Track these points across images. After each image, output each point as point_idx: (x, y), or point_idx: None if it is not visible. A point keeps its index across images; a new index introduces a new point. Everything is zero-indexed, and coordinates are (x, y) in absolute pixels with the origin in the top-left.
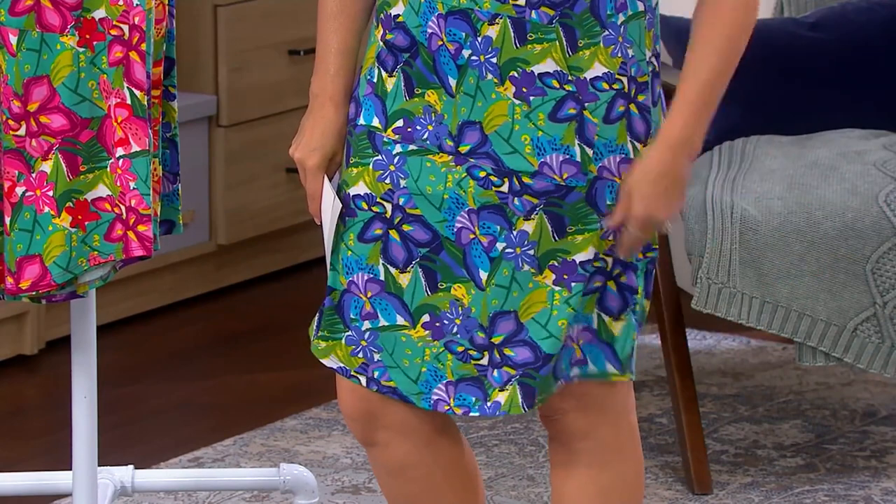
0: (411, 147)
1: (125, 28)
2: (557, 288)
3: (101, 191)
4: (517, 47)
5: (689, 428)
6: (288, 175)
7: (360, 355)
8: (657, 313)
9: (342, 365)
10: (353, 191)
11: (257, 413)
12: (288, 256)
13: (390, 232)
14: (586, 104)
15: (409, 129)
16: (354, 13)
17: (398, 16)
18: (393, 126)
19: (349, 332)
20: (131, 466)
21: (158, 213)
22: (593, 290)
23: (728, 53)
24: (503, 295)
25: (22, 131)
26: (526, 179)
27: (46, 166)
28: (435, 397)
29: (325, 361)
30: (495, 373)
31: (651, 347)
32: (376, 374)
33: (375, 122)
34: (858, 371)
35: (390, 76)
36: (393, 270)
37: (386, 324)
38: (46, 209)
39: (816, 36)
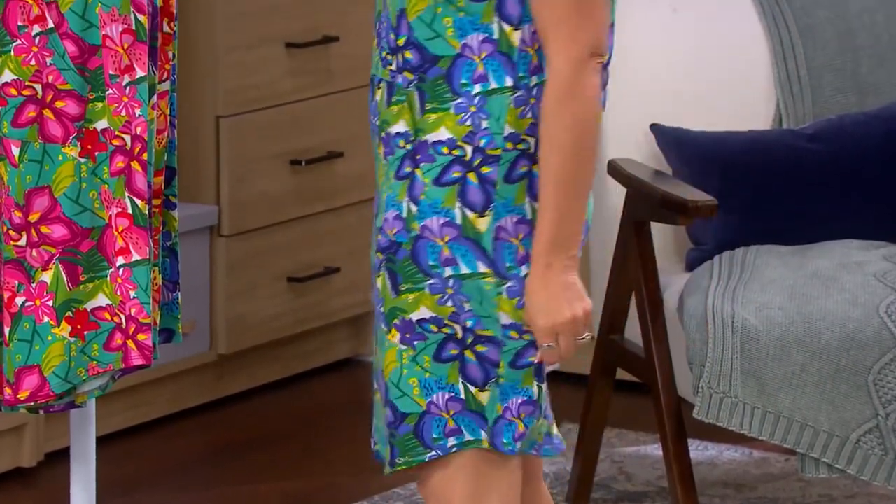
0: None
1: (127, 138)
2: (403, 347)
3: (101, 300)
4: (385, 108)
5: None
6: (289, 285)
7: None
8: (658, 423)
9: None
10: None
11: None
12: (288, 366)
13: None
14: (421, 164)
15: None
16: None
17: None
18: None
19: None
20: None
21: (158, 322)
22: (449, 357)
23: (572, 148)
24: (381, 355)
25: (22, 241)
26: (377, 237)
27: (46, 276)
28: None
29: None
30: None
31: (653, 458)
32: None
33: None
34: (862, 483)
35: None
36: None
37: None
38: (46, 319)
39: (815, 147)
